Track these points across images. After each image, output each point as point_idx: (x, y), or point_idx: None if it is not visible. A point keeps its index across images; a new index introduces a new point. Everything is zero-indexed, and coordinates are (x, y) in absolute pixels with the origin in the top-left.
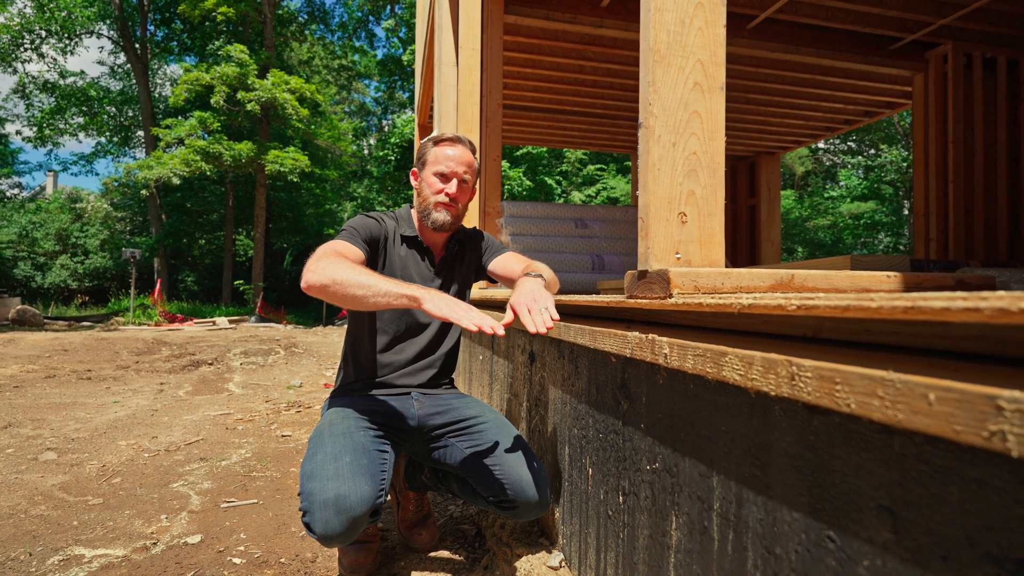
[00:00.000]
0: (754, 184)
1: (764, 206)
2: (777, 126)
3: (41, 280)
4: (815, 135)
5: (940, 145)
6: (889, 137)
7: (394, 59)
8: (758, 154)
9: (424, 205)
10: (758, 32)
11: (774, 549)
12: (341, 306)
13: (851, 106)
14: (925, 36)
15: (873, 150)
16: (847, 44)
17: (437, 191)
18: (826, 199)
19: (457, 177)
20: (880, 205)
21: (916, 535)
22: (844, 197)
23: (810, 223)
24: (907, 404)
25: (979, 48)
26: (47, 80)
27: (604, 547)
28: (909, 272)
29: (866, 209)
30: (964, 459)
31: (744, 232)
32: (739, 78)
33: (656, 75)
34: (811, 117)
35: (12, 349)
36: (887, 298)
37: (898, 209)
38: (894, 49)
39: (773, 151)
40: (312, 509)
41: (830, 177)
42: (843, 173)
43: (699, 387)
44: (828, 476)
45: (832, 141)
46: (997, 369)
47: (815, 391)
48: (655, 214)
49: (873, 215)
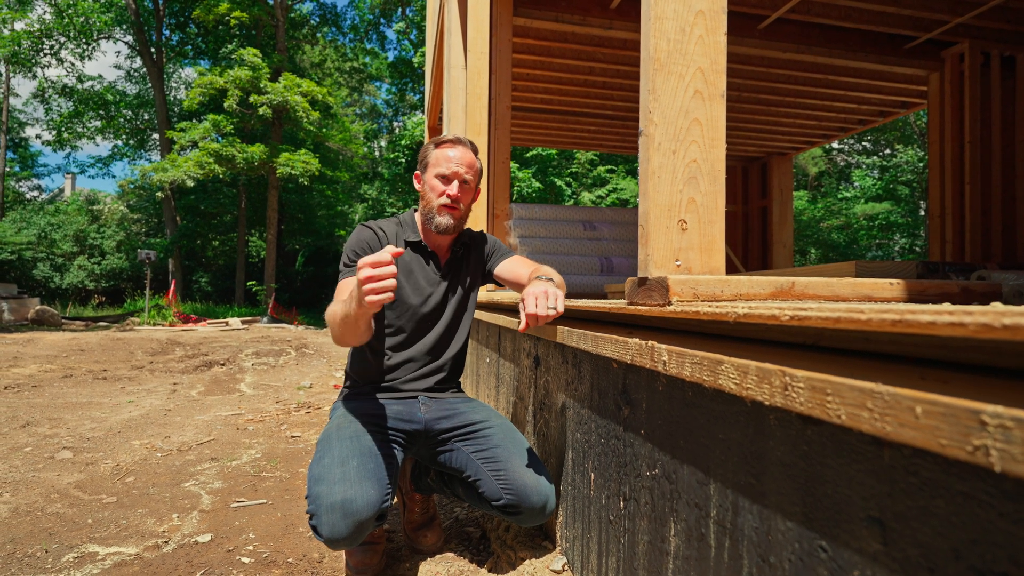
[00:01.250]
0: (766, 185)
1: (776, 207)
2: (789, 126)
3: (59, 281)
4: (828, 135)
5: (956, 145)
6: (905, 137)
7: (405, 61)
8: (770, 155)
9: (427, 208)
10: (769, 32)
11: (768, 558)
12: (359, 341)
13: (865, 106)
14: (941, 35)
15: (888, 150)
16: (860, 44)
17: (439, 193)
18: (840, 200)
19: (458, 178)
20: (895, 206)
21: (904, 547)
22: (858, 198)
23: (823, 224)
24: (895, 416)
25: (997, 47)
26: (65, 84)
27: (605, 552)
28: (915, 279)
29: (881, 210)
30: (951, 472)
31: (756, 234)
32: (750, 78)
33: (656, 83)
34: (824, 117)
35: (31, 349)
36: (877, 310)
37: (914, 210)
38: (909, 48)
39: (785, 152)
40: (319, 512)
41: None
42: (857, 173)
43: (697, 395)
44: (821, 486)
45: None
46: (987, 381)
47: (807, 401)
48: (655, 221)
49: (888, 216)
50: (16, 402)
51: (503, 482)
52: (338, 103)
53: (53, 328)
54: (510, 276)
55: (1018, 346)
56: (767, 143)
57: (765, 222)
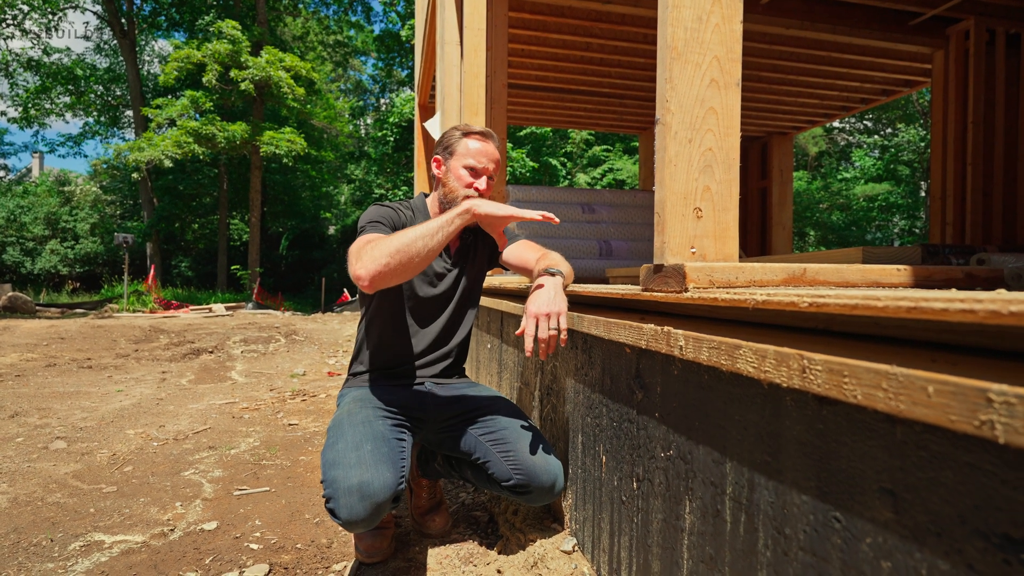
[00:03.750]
0: (766, 166)
1: (776, 188)
2: (791, 105)
3: (31, 266)
4: (830, 114)
5: (959, 125)
6: (907, 115)
7: (392, 34)
8: (770, 134)
9: (451, 196)
10: (772, 8)
11: (784, 529)
12: (410, 277)
13: (868, 84)
14: (946, 11)
15: (890, 129)
16: (864, 20)
17: (467, 184)
18: (839, 181)
19: (487, 173)
20: (895, 187)
21: (914, 514)
22: (858, 179)
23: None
24: (908, 396)
25: (1003, 24)
26: (31, 58)
27: (618, 531)
28: (920, 265)
29: (881, 191)
30: (958, 445)
31: (755, 216)
32: (752, 55)
33: (673, 72)
34: (826, 96)
35: (8, 337)
36: (892, 297)
37: (915, 191)
38: (913, 25)
39: (786, 131)
40: (336, 496)
41: (845, 158)
42: (856, 153)
43: (713, 378)
44: (835, 462)
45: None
46: (993, 362)
47: (825, 383)
48: (671, 209)
49: (888, 197)
50: (0, 392)
51: (512, 462)
52: (322, 79)
53: (27, 316)
54: (517, 261)
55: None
56: (768, 122)
57: (765, 204)
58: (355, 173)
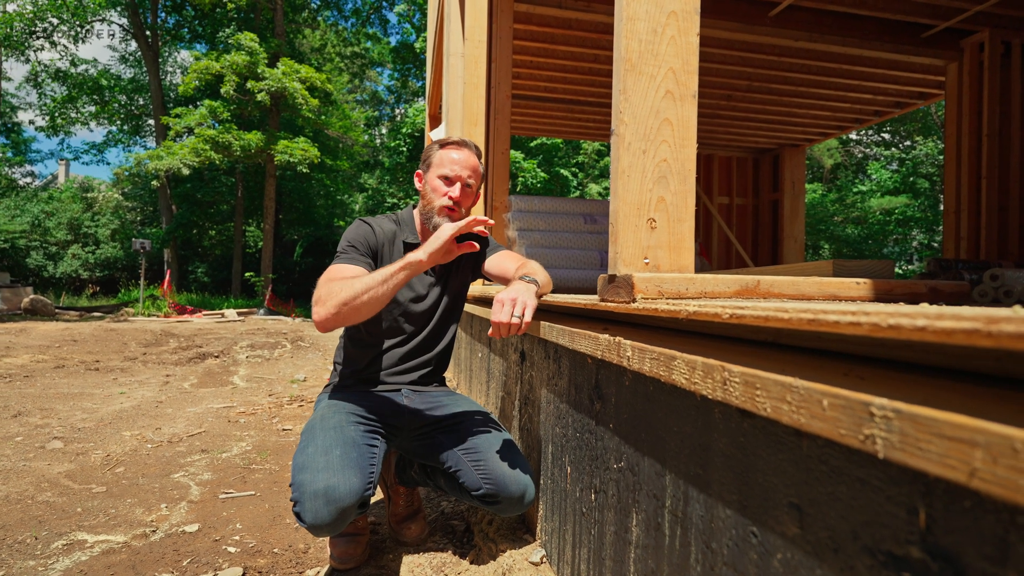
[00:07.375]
0: (777, 178)
1: (787, 201)
2: (802, 117)
3: (53, 270)
4: (843, 127)
5: (974, 138)
6: (926, 128)
7: (407, 46)
8: (782, 146)
9: (428, 209)
10: (781, 20)
11: (711, 544)
12: (361, 321)
13: (880, 96)
14: (960, 23)
15: (908, 142)
16: (876, 32)
17: (441, 194)
18: (855, 193)
19: (461, 181)
20: (913, 200)
21: (816, 530)
22: (874, 191)
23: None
24: (808, 409)
25: (1018, 36)
26: (59, 68)
27: (579, 543)
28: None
29: (898, 204)
30: (851, 460)
31: (766, 228)
32: (761, 67)
33: (627, 83)
34: (838, 108)
35: (23, 339)
36: (797, 310)
37: (934, 204)
38: (926, 37)
39: (798, 143)
40: (303, 499)
41: (861, 170)
42: (872, 166)
43: (656, 389)
44: (754, 475)
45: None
46: (901, 376)
47: (741, 395)
48: (624, 220)
49: (905, 211)
50: (7, 392)
51: (482, 472)
52: (339, 89)
53: (47, 318)
54: (497, 271)
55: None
56: (779, 134)
57: (776, 216)
58: (369, 182)
